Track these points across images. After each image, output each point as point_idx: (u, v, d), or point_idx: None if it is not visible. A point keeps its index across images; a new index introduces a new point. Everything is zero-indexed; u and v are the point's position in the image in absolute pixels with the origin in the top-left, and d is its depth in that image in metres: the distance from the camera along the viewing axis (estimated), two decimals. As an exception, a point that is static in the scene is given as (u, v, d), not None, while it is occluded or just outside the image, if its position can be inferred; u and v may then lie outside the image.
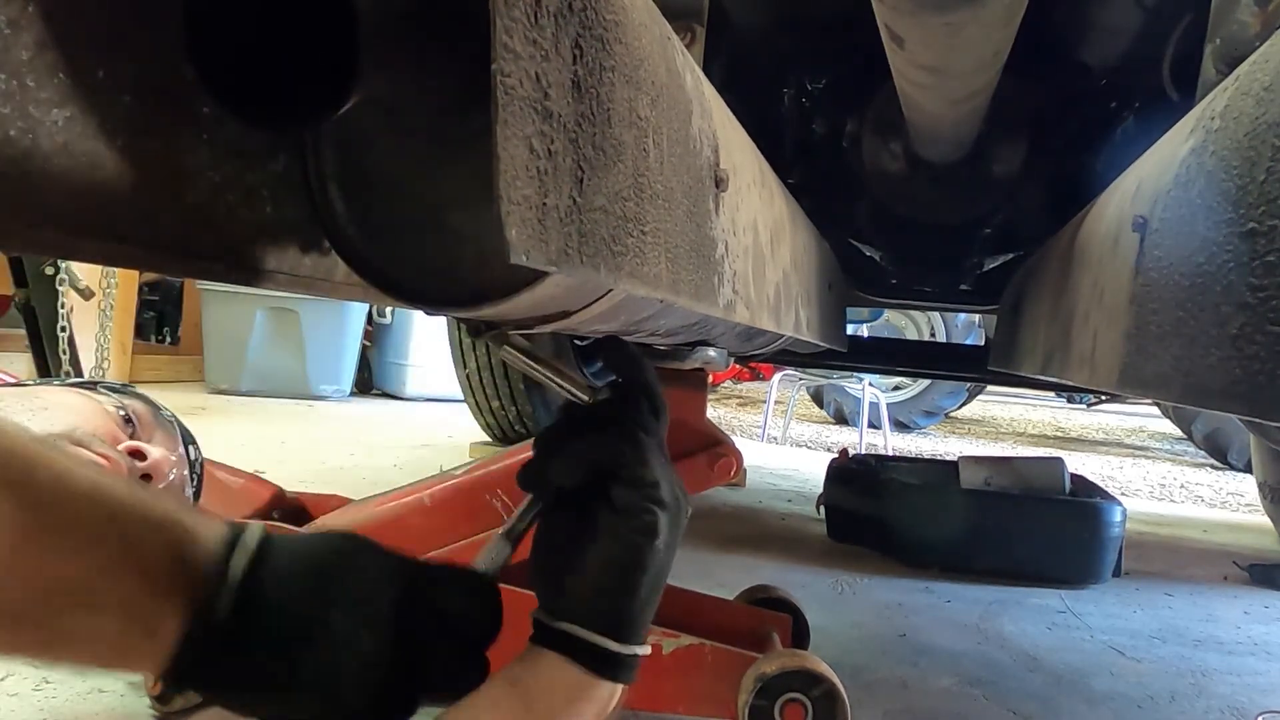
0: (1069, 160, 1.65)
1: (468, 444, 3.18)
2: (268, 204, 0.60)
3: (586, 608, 0.63)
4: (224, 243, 0.58)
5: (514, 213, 0.31)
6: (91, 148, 0.48)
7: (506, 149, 0.30)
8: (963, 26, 0.78)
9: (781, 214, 0.93)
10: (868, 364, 2.50)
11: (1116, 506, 2.09)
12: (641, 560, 0.63)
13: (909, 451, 4.87)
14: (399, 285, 0.57)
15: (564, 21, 0.34)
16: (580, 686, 0.62)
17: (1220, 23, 0.80)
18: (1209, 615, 1.91)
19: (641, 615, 0.64)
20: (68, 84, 0.45)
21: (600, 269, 0.40)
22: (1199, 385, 0.43)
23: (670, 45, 0.52)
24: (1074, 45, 1.54)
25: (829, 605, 1.71)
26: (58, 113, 0.45)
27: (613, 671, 0.62)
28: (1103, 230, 0.73)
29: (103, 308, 2.77)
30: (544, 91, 0.33)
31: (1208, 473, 5.18)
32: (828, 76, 1.70)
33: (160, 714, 1.30)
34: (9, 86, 0.43)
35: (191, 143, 0.54)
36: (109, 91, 0.48)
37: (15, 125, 0.43)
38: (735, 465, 1.32)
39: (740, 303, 0.70)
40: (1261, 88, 0.39)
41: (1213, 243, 0.42)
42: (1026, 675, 1.37)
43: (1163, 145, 0.59)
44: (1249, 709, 1.31)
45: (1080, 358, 0.76)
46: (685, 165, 0.53)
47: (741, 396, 8.13)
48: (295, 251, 0.63)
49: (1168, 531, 3.01)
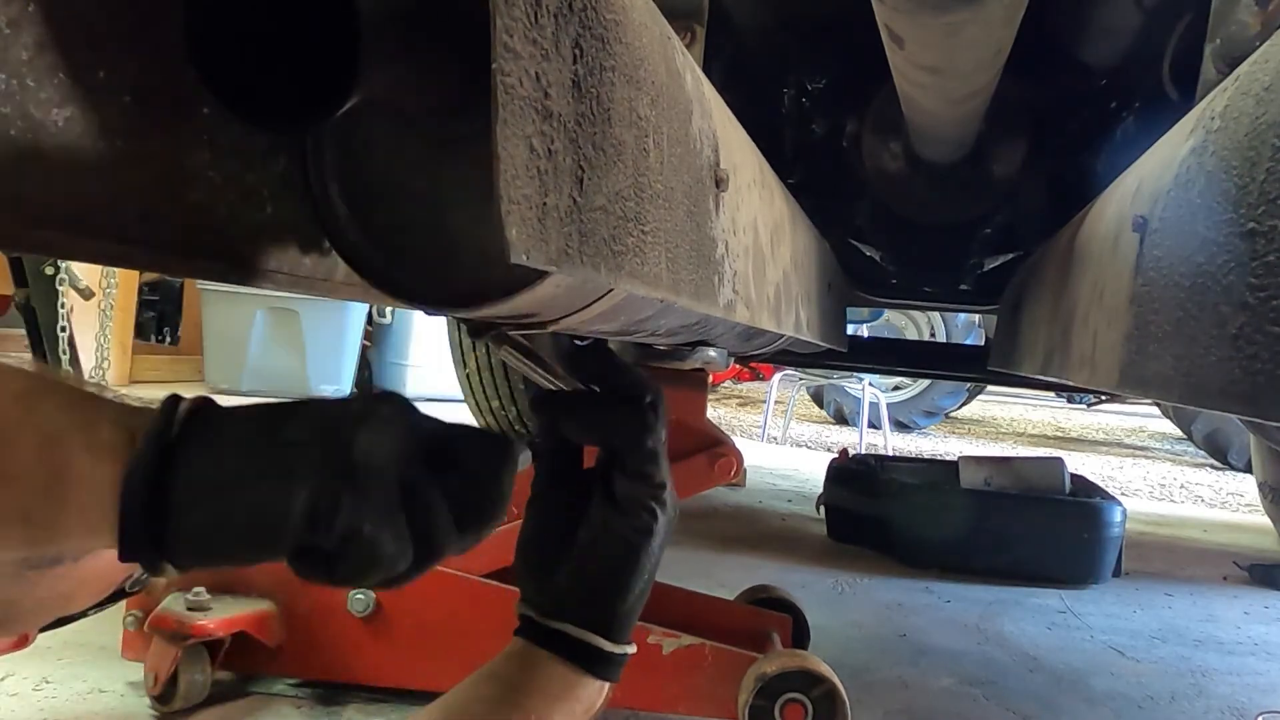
0: (1069, 160, 1.65)
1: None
2: (268, 204, 0.60)
3: (580, 606, 0.62)
4: (224, 243, 0.58)
5: (514, 212, 0.31)
6: (91, 148, 0.48)
7: (506, 148, 0.30)
8: (963, 26, 0.78)
9: (781, 214, 0.93)
10: (868, 364, 2.50)
11: (1116, 506, 2.09)
12: (638, 561, 0.62)
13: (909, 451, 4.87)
14: (399, 285, 0.57)
15: (564, 21, 0.34)
16: (570, 685, 0.62)
17: (1220, 22, 0.80)
18: (1209, 615, 1.91)
19: (632, 615, 0.64)
20: (68, 84, 0.45)
21: (600, 269, 0.40)
22: (1199, 385, 0.43)
23: (670, 45, 0.52)
24: (1074, 45, 1.54)
25: (829, 605, 1.71)
26: (58, 113, 0.45)
27: (603, 670, 0.62)
28: (1103, 230, 0.73)
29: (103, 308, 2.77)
30: (544, 91, 0.33)
31: (1208, 473, 5.18)
32: (828, 76, 1.70)
33: (160, 714, 1.30)
34: (9, 86, 0.43)
35: (192, 143, 0.54)
36: (109, 91, 0.48)
37: (15, 125, 0.43)
38: (735, 465, 1.32)
39: (740, 302, 0.70)
40: (1261, 88, 0.39)
41: (1213, 243, 0.42)
42: (1026, 675, 1.37)
43: (1163, 145, 0.59)
44: (1249, 709, 1.31)
45: (1080, 358, 0.76)
46: (685, 165, 0.53)
47: (741, 396, 8.14)
48: (295, 251, 0.63)
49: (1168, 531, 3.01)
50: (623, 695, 1.21)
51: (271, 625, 1.34)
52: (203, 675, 1.31)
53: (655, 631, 1.20)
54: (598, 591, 0.62)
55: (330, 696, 1.37)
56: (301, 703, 1.36)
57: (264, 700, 1.36)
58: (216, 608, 1.30)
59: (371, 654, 1.34)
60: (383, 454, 0.50)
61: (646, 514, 0.62)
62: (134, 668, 1.35)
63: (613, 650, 0.62)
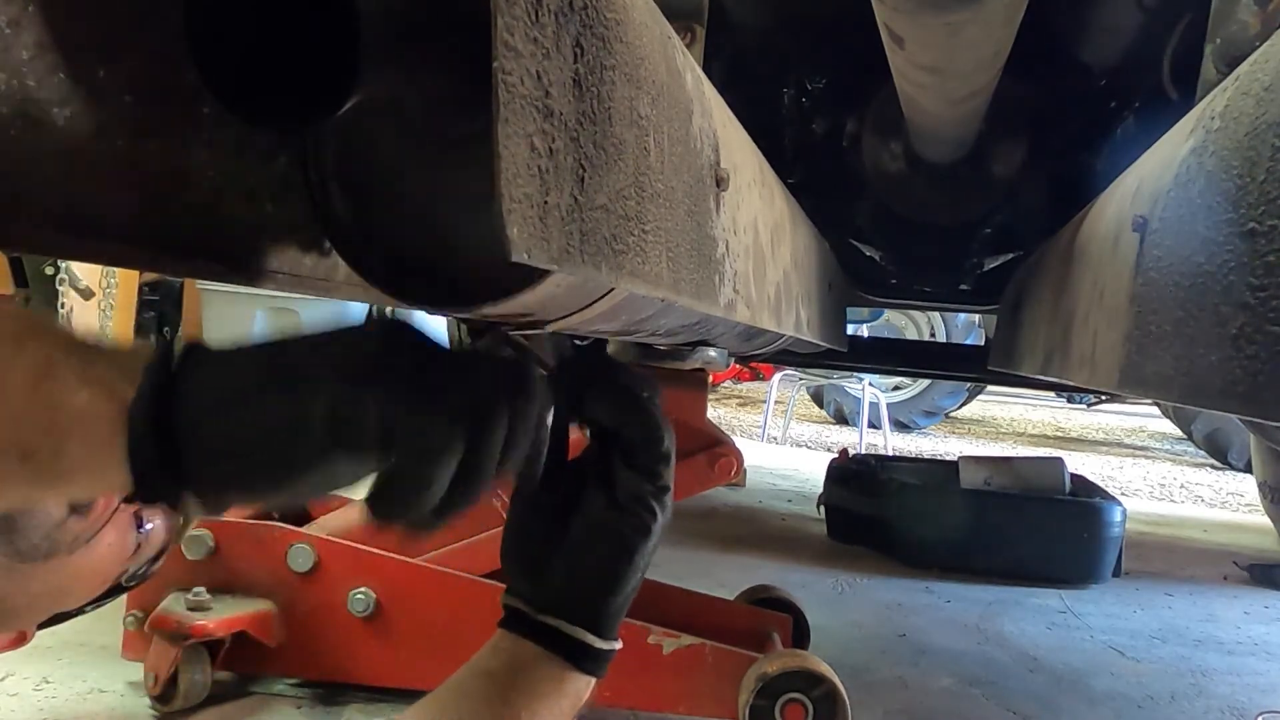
0: (1069, 160, 1.65)
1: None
2: (268, 204, 0.60)
3: (571, 601, 0.62)
4: (224, 243, 0.58)
5: (515, 211, 0.31)
6: (91, 148, 0.48)
7: (507, 147, 0.30)
8: (962, 26, 0.78)
9: (782, 213, 0.93)
10: (868, 364, 2.50)
11: (1116, 506, 2.09)
12: (632, 560, 0.62)
13: (909, 451, 4.87)
14: (399, 285, 0.57)
15: (565, 20, 0.34)
16: (559, 681, 0.61)
17: (1220, 22, 0.80)
18: (1209, 615, 1.91)
19: (622, 612, 0.64)
20: (68, 84, 0.45)
21: (601, 268, 0.40)
22: (1199, 385, 0.43)
23: (671, 44, 0.52)
24: (1074, 45, 1.54)
25: (829, 605, 1.71)
26: (58, 112, 0.45)
27: (592, 666, 0.62)
28: (1103, 230, 0.73)
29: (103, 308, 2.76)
30: (545, 90, 0.33)
31: (1208, 473, 5.18)
32: (828, 76, 1.70)
33: (160, 714, 1.30)
34: (9, 86, 0.43)
35: (192, 143, 0.54)
36: (109, 91, 0.48)
37: (15, 125, 0.43)
38: (736, 465, 1.32)
39: (741, 302, 0.70)
40: (1261, 88, 0.39)
41: (1213, 243, 0.42)
42: (1026, 675, 1.37)
43: (1163, 145, 0.59)
44: (1249, 708, 1.31)
45: (1080, 357, 0.76)
46: (686, 164, 0.53)
47: (741, 396, 8.13)
48: (295, 251, 0.63)
49: (1168, 531, 3.00)
50: (623, 695, 1.22)
51: (271, 625, 1.34)
52: (203, 675, 1.31)
53: (655, 631, 1.20)
54: (591, 588, 0.62)
55: (330, 696, 1.37)
56: (301, 702, 1.36)
57: (264, 700, 1.36)
58: (216, 608, 1.30)
59: (371, 654, 1.34)
60: (405, 361, 0.48)
61: (647, 513, 0.62)
62: (134, 668, 1.35)
63: (602, 647, 0.62)
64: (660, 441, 0.62)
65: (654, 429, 0.62)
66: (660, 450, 0.63)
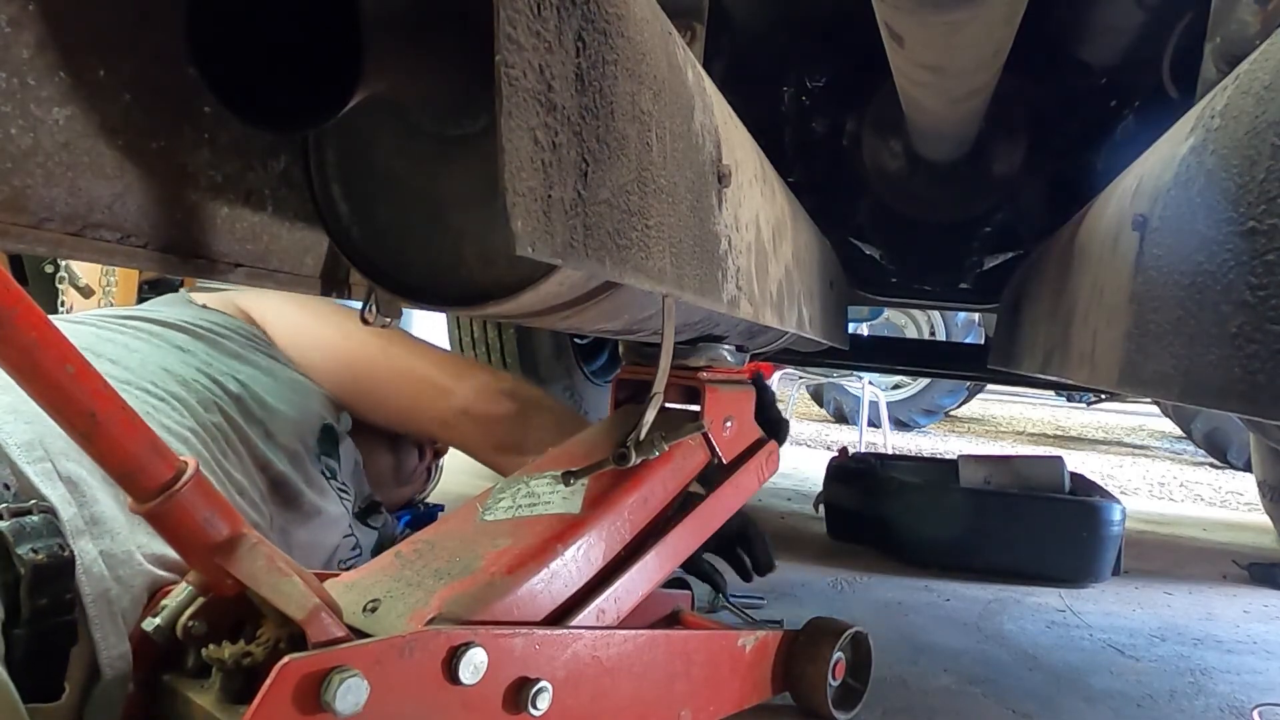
0: (1069, 159, 1.65)
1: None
2: (269, 204, 0.60)
3: None
4: (224, 242, 0.58)
5: (519, 204, 0.31)
6: (91, 147, 0.48)
7: (511, 140, 0.30)
8: (963, 25, 0.78)
9: (783, 211, 0.93)
10: (868, 362, 2.50)
11: (1116, 505, 2.08)
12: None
13: (909, 450, 4.88)
14: (403, 284, 0.57)
15: (566, 14, 0.34)
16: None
17: (1220, 21, 0.80)
18: (1208, 614, 1.92)
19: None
20: (68, 83, 0.45)
21: (605, 262, 0.40)
22: (1199, 384, 0.43)
23: (672, 41, 0.52)
24: (1074, 44, 1.54)
25: (828, 603, 1.71)
26: (58, 112, 0.45)
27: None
28: (1103, 229, 0.73)
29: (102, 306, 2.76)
30: (548, 84, 0.33)
31: (1207, 471, 5.18)
32: (828, 75, 1.70)
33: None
34: (10, 85, 0.43)
35: (192, 142, 0.54)
36: (109, 91, 0.48)
37: (16, 124, 0.43)
38: (778, 457, 1.30)
39: (744, 298, 0.70)
40: (1262, 87, 0.39)
41: (1213, 241, 0.42)
42: (1026, 674, 1.37)
43: (1163, 144, 0.59)
44: (1248, 706, 1.31)
45: (1080, 356, 0.76)
46: (688, 160, 0.53)
47: (741, 396, 8.10)
48: (296, 251, 0.63)
49: (1167, 530, 3.01)
50: (727, 706, 1.07)
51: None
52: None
53: (742, 633, 1.10)
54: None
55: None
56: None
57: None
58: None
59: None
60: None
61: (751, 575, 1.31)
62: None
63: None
64: (772, 568, 1.36)
65: (769, 560, 1.35)
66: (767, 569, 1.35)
